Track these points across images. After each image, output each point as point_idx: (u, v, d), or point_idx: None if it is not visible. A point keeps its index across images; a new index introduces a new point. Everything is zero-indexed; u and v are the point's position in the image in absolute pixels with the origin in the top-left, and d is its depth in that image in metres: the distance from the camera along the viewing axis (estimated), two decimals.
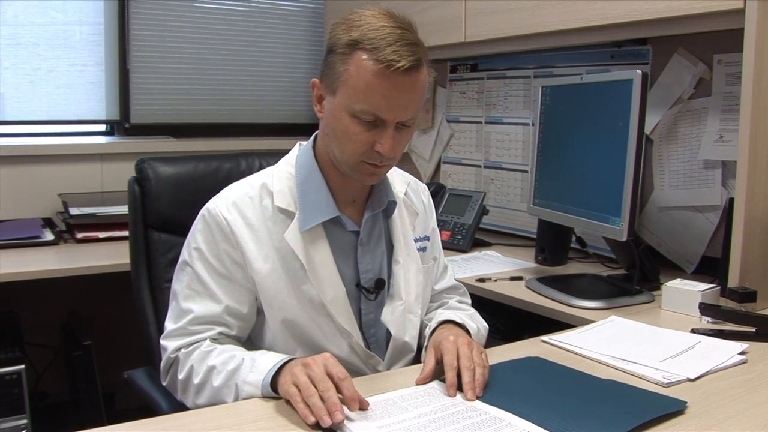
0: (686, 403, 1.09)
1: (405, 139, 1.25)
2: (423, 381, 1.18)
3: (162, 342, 1.30)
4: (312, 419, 1.01)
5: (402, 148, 1.25)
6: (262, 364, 1.16)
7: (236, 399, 1.17)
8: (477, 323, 1.42)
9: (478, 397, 1.11)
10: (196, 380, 1.22)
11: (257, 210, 1.28)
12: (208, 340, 1.26)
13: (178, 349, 1.27)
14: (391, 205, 1.37)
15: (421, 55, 1.18)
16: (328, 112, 1.24)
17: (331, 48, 1.22)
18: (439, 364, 1.19)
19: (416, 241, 1.43)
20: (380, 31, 1.16)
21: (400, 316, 1.34)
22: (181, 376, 1.26)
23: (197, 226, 1.31)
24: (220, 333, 1.28)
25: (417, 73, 1.18)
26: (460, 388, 1.13)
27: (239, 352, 1.24)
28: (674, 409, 1.07)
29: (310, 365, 1.08)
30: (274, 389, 1.12)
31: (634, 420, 1.01)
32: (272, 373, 1.13)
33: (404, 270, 1.36)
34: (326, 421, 1.00)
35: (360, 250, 1.33)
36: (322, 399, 1.02)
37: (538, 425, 1.00)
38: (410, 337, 1.36)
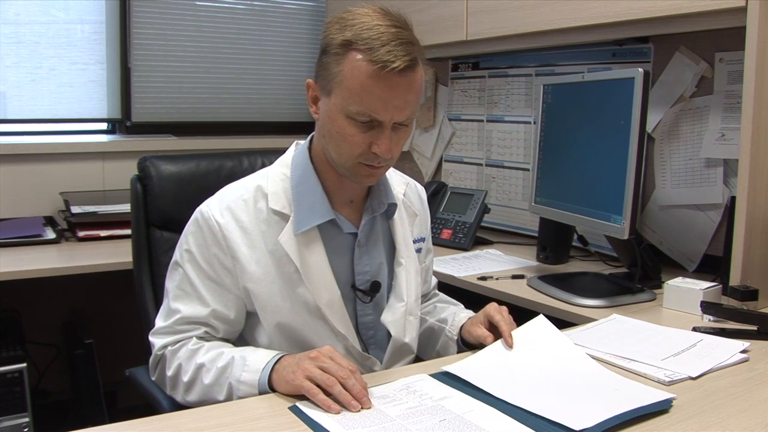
0: (672, 400, 1.09)
1: (402, 139, 1.23)
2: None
3: (150, 338, 1.32)
4: (337, 408, 1.04)
5: (400, 148, 1.24)
6: (254, 362, 1.17)
7: (229, 396, 1.18)
8: None
9: (460, 390, 1.13)
10: (185, 378, 1.24)
11: (251, 213, 1.28)
12: (194, 338, 1.28)
13: (165, 346, 1.29)
14: (391, 207, 1.36)
15: (417, 53, 1.16)
16: (323, 114, 1.22)
17: (324, 48, 1.20)
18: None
19: (414, 242, 1.43)
20: (374, 30, 1.14)
21: (401, 318, 1.34)
22: (169, 373, 1.27)
23: (189, 228, 1.31)
24: (206, 332, 1.29)
25: (413, 73, 1.16)
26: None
27: (227, 348, 1.25)
28: (658, 409, 1.06)
29: (319, 358, 1.11)
30: (269, 386, 1.14)
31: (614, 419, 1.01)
32: (268, 371, 1.14)
33: (406, 272, 1.36)
34: (355, 406, 1.04)
35: (357, 251, 1.32)
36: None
37: (508, 415, 1.03)
38: (410, 338, 1.36)
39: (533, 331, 1.32)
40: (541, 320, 1.35)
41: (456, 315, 1.46)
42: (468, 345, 1.38)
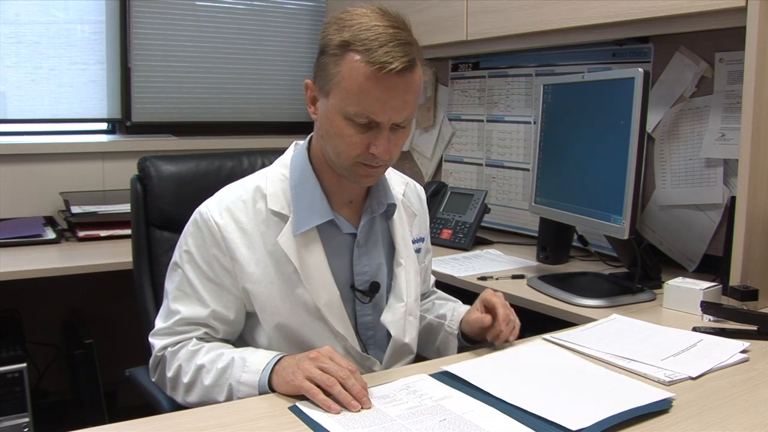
0: (671, 400, 1.09)
1: (401, 140, 1.23)
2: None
3: (150, 339, 1.32)
4: (337, 408, 1.05)
5: (398, 148, 1.24)
6: (254, 363, 1.17)
7: (229, 397, 1.19)
8: None
9: (454, 387, 1.14)
10: (185, 379, 1.24)
11: (250, 214, 1.27)
12: (194, 339, 1.28)
13: (165, 347, 1.29)
14: (390, 208, 1.36)
15: (415, 54, 1.16)
16: (322, 114, 1.22)
17: (323, 49, 1.20)
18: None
19: (413, 242, 1.43)
20: (372, 31, 1.14)
21: (401, 318, 1.34)
22: (169, 374, 1.28)
23: (189, 228, 1.31)
24: (206, 333, 1.29)
25: (411, 74, 1.16)
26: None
27: (227, 349, 1.25)
28: (657, 409, 1.07)
29: (319, 358, 1.11)
30: (270, 387, 1.14)
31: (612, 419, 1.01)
32: (268, 372, 1.15)
33: (405, 272, 1.36)
34: (355, 406, 1.05)
35: (356, 252, 1.32)
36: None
37: (507, 415, 1.03)
38: (410, 338, 1.36)
39: (532, 346, 1.34)
40: (540, 342, 1.36)
41: (455, 310, 1.46)
42: (468, 339, 1.39)
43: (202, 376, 1.22)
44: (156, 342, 1.30)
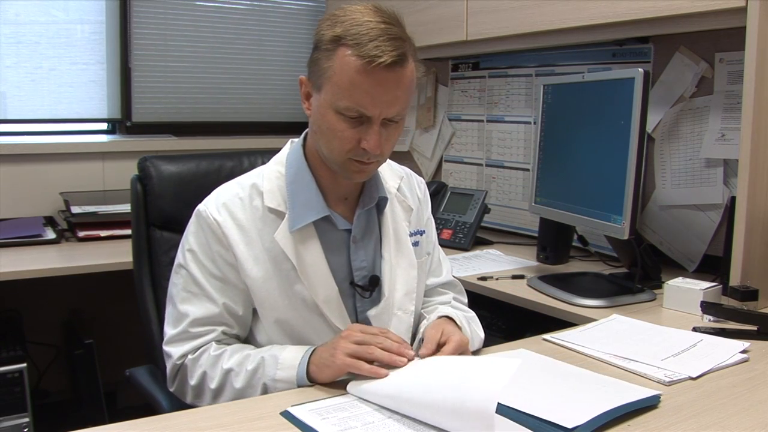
0: (659, 396, 1.09)
1: (393, 136, 1.23)
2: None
3: (165, 348, 1.29)
4: (385, 372, 1.10)
5: (391, 144, 1.23)
6: (286, 360, 1.19)
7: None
8: (473, 332, 1.39)
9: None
10: (213, 385, 1.23)
11: (247, 211, 1.28)
12: (213, 343, 1.26)
13: (184, 355, 1.26)
14: (382, 201, 1.36)
15: (406, 49, 1.16)
16: (315, 109, 1.23)
17: (316, 44, 1.21)
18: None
19: (410, 235, 1.41)
20: (363, 26, 1.15)
21: (383, 313, 1.33)
22: (193, 382, 1.25)
23: (190, 228, 1.31)
24: (223, 333, 1.28)
25: (401, 69, 1.16)
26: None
27: (252, 350, 1.25)
28: (646, 404, 1.07)
29: (351, 335, 1.16)
30: (309, 380, 1.17)
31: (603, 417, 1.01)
32: (305, 366, 1.17)
33: (391, 266, 1.34)
34: (402, 362, 1.11)
35: (353, 247, 1.32)
36: None
37: (503, 416, 1.02)
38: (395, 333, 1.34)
39: (516, 354, 1.33)
40: (520, 351, 1.35)
41: (440, 310, 1.39)
42: None
43: (232, 380, 1.21)
44: (173, 350, 1.27)
